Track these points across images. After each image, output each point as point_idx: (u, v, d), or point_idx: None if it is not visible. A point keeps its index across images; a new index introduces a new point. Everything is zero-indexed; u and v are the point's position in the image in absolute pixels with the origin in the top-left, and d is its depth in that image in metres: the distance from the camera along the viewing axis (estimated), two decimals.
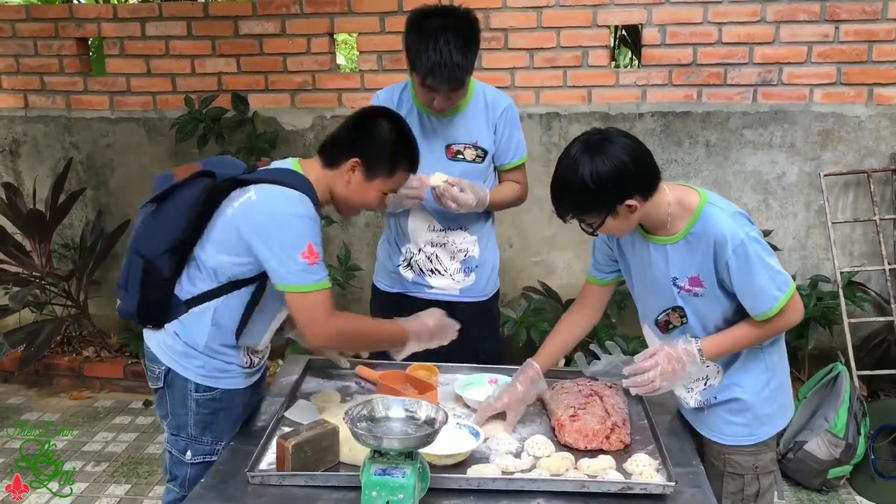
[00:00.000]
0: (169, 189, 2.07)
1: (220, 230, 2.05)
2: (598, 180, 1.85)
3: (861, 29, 3.87)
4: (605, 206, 1.90)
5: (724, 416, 2.13)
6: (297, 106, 4.41)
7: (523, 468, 2.01)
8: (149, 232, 2.08)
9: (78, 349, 4.80)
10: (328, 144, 2.18)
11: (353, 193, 2.15)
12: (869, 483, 3.44)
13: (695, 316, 2.06)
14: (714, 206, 1.98)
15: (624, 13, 4.03)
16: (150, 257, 2.05)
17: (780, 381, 2.12)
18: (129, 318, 2.13)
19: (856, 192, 4.05)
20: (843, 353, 3.75)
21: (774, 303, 1.94)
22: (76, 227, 4.77)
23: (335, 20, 4.25)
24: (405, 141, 2.17)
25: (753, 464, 2.13)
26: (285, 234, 1.95)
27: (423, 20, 2.39)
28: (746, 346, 2.05)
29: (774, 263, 1.95)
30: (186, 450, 2.18)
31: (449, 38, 2.33)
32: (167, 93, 4.50)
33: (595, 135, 1.92)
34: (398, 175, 2.18)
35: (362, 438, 1.73)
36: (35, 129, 4.70)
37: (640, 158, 1.90)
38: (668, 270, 2.04)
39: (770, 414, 2.11)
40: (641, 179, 1.91)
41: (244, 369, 2.20)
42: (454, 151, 2.62)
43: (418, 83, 2.45)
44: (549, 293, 4.23)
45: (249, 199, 2.00)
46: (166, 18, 4.40)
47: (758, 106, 4.02)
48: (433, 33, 2.34)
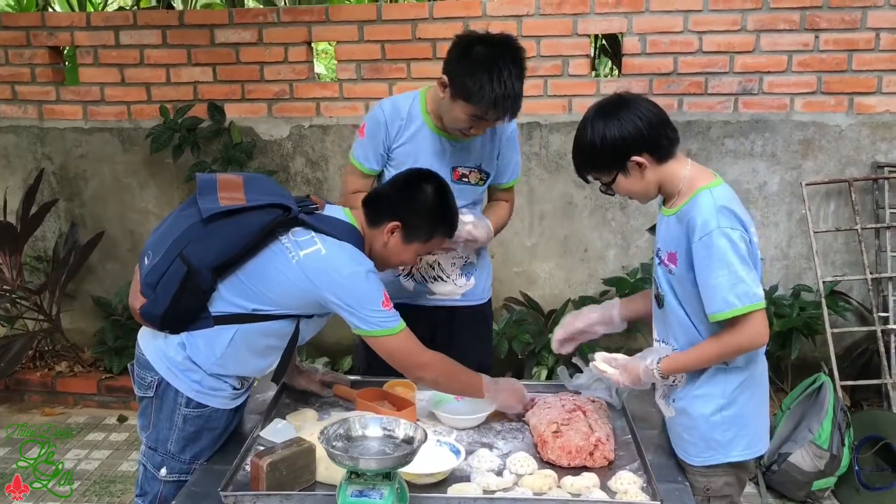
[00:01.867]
0: (238, 209, 2.04)
1: (281, 270, 2.05)
2: (604, 138, 1.94)
3: (841, 38, 3.87)
4: (614, 163, 1.98)
5: (679, 427, 2.10)
6: (275, 115, 4.36)
7: (505, 486, 1.97)
8: (202, 242, 2.03)
9: (50, 364, 4.70)
10: (373, 200, 2.25)
11: (391, 253, 2.22)
12: (854, 494, 3.42)
13: (670, 292, 2.03)
14: (710, 193, 1.95)
15: (604, 22, 4.02)
16: (196, 267, 2.01)
17: (739, 412, 2.02)
18: (152, 320, 2.08)
19: (837, 202, 4.04)
20: (826, 363, 3.74)
21: (726, 307, 1.88)
22: (49, 238, 4.69)
23: (313, 29, 4.21)
24: (446, 209, 2.24)
25: (704, 485, 2.07)
26: (367, 289, 2.05)
27: (474, 48, 2.31)
28: (707, 363, 2.00)
29: (743, 271, 1.88)
30: (162, 466, 2.14)
31: (511, 70, 2.27)
32: (142, 102, 4.43)
33: (613, 97, 2.01)
34: (435, 240, 2.26)
35: (338, 459, 1.69)
36: (6, 139, 4.61)
37: (652, 120, 1.95)
38: (658, 240, 2.08)
39: (721, 441, 2.03)
40: (652, 140, 1.95)
41: (235, 391, 2.18)
42: (460, 174, 2.57)
43: (468, 113, 2.34)
44: (530, 304, 4.20)
45: (319, 252, 2.05)
46: (141, 27, 4.33)
47: (738, 115, 4.01)
48: (494, 64, 2.26)
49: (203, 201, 2.04)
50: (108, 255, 4.65)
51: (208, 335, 2.08)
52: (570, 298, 4.20)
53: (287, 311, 2.09)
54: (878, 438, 3.45)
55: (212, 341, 2.07)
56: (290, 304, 2.08)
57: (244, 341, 2.08)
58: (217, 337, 2.07)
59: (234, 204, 2.03)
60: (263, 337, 2.10)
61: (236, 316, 2.07)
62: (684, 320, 2.02)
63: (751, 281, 1.89)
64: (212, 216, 2.01)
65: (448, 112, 2.39)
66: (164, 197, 4.52)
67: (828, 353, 3.74)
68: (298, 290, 2.04)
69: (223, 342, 2.07)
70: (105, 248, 4.59)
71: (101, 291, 4.64)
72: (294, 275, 2.03)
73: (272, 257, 2.06)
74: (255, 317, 2.07)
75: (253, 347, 2.11)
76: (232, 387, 2.16)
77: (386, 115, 2.52)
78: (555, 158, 4.18)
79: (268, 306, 2.06)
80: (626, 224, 4.20)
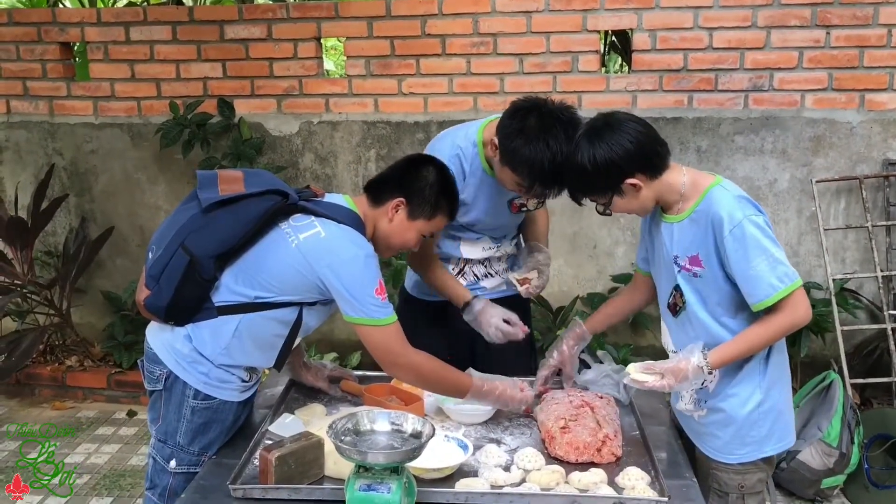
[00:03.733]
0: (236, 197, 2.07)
1: (281, 255, 2.06)
2: (595, 164, 1.93)
3: (852, 34, 3.85)
4: (608, 186, 1.98)
5: (712, 426, 2.09)
6: (284, 111, 4.36)
7: (513, 482, 1.97)
8: (203, 231, 2.05)
9: (60, 358, 4.72)
10: (375, 183, 2.26)
11: (395, 232, 2.21)
12: (863, 493, 3.41)
13: (695, 296, 2.02)
14: (722, 188, 1.96)
15: (614, 18, 4.00)
16: (198, 256, 2.03)
17: (775, 406, 2.04)
18: (156, 312, 2.10)
19: (847, 199, 4.02)
20: (836, 361, 3.72)
21: (772, 291, 1.89)
22: (59, 234, 4.71)
23: (322, 25, 4.21)
24: (448, 188, 2.25)
25: (739, 483, 2.07)
26: (362, 273, 2.03)
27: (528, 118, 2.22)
28: (754, 349, 1.99)
29: (778, 253, 1.90)
30: (171, 458, 2.15)
31: (563, 147, 2.15)
32: (152, 98, 4.45)
33: (599, 120, 2.00)
34: (438, 219, 2.24)
35: (346, 453, 1.69)
36: (17, 134, 4.64)
37: (642, 141, 1.94)
38: (672, 249, 2.05)
39: (758, 437, 2.04)
40: (643, 160, 1.95)
41: (244, 383, 2.19)
42: (518, 206, 2.59)
43: (517, 181, 2.29)
44: (539, 301, 4.19)
45: (318, 234, 2.06)
46: (151, 23, 4.34)
47: (749, 112, 3.99)
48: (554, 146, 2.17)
49: (203, 193, 2.07)
50: (118, 251, 4.66)
51: (213, 326, 2.08)
52: (578, 295, 4.19)
53: (288, 297, 2.08)
54: (887, 437, 3.43)
55: (217, 332, 2.08)
56: (291, 289, 2.08)
57: (248, 331, 2.09)
58: (222, 327, 2.08)
59: (232, 193, 2.06)
60: (267, 326, 2.10)
61: (239, 306, 2.08)
62: (706, 322, 2.02)
63: (785, 260, 1.92)
64: (211, 206, 2.04)
65: (502, 178, 2.37)
66: (173, 193, 4.53)
67: (837, 350, 3.73)
68: (297, 273, 2.04)
69: (228, 332, 2.08)
70: (115, 244, 4.61)
71: (110, 287, 4.66)
72: (293, 258, 2.04)
73: (272, 244, 2.08)
74: (258, 305, 2.07)
75: (257, 337, 2.11)
76: (240, 379, 2.17)
77: (446, 159, 2.38)
78: None
79: (269, 293, 2.06)
80: (635, 220, 4.19)
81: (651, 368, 2.03)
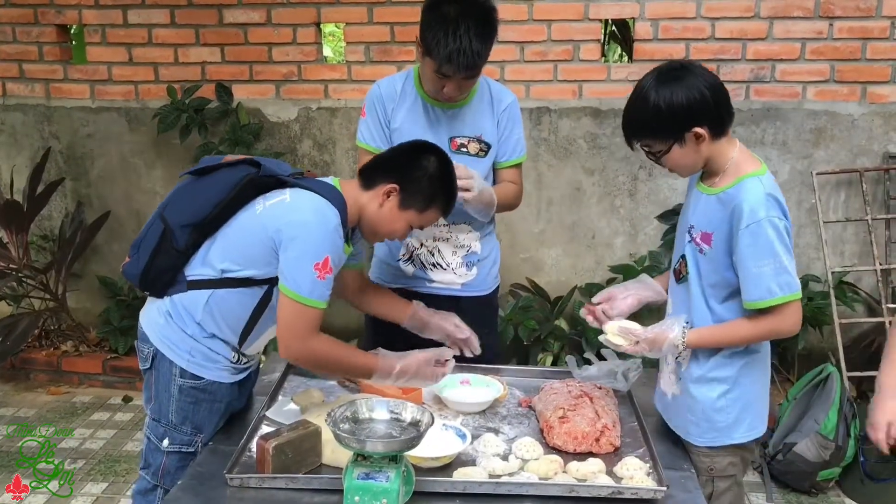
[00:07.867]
0: (214, 166, 2.10)
1: (244, 223, 2.05)
2: (670, 104, 1.87)
3: (855, 26, 3.83)
4: (674, 131, 1.90)
5: (682, 408, 2.10)
6: (283, 97, 4.33)
7: (511, 471, 1.96)
8: (180, 201, 2.09)
9: (56, 343, 4.71)
10: (370, 166, 2.18)
11: (383, 219, 2.13)
12: (858, 486, 3.40)
13: (694, 270, 2.02)
14: (759, 181, 1.92)
15: (616, 7, 3.98)
16: (171, 225, 2.05)
17: (742, 395, 2.03)
18: (132, 280, 2.12)
19: (847, 192, 4.02)
20: (834, 353, 3.72)
21: (768, 295, 1.88)
22: (55, 218, 4.69)
23: (322, 10, 4.18)
24: (448, 182, 2.17)
25: (708, 465, 2.08)
26: (308, 240, 1.94)
27: (441, 6, 2.33)
28: (733, 343, 1.99)
29: (787, 261, 1.88)
30: (164, 437, 2.14)
31: (469, 25, 2.28)
32: (149, 82, 4.41)
33: (674, 63, 1.96)
34: (430, 212, 2.16)
35: (345, 441, 1.68)
36: (13, 117, 4.60)
37: (717, 91, 1.90)
38: (691, 218, 2.04)
39: (724, 424, 2.04)
40: (715, 112, 1.90)
41: (231, 364, 2.15)
42: (458, 144, 2.56)
43: (432, 70, 2.38)
44: (536, 290, 4.18)
45: (284, 200, 2.02)
46: (149, 6, 4.31)
47: (750, 103, 3.98)
48: (453, 20, 2.29)
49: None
50: (115, 236, 4.64)
51: (187, 301, 2.07)
52: (576, 285, 4.18)
53: (253, 270, 2.03)
54: None
55: (190, 306, 2.07)
56: (252, 261, 2.02)
57: (218, 308, 2.06)
58: (194, 302, 2.07)
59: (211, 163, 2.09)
60: (237, 303, 2.06)
61: (209, 281, 2.06)
62: (699, 299, 2.02)
63: (792, 271, 1.90)
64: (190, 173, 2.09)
65: (423, 73, 2.45)
66: (170, 177, 4.50)
67: (835, 343, 3.73)
68: (258, 241, 1.99)
69: (199, 307, 2.06)
70: (111, 228, 4.59)
71: (106, 271, 4.64)
72: (254, 224, 2.02)
73: (241, 214, 2.07)
74: (227, 281, 2.05)
75: (228, 315, 2.07)
76: (226, 359, 2.13)
77: (382, 92, 2.55)
78: (564, 144, 4.15)
79: (235, 266, 2.03)
80: (634, 211, 4.18)
81: (628, 332, 2.04)
